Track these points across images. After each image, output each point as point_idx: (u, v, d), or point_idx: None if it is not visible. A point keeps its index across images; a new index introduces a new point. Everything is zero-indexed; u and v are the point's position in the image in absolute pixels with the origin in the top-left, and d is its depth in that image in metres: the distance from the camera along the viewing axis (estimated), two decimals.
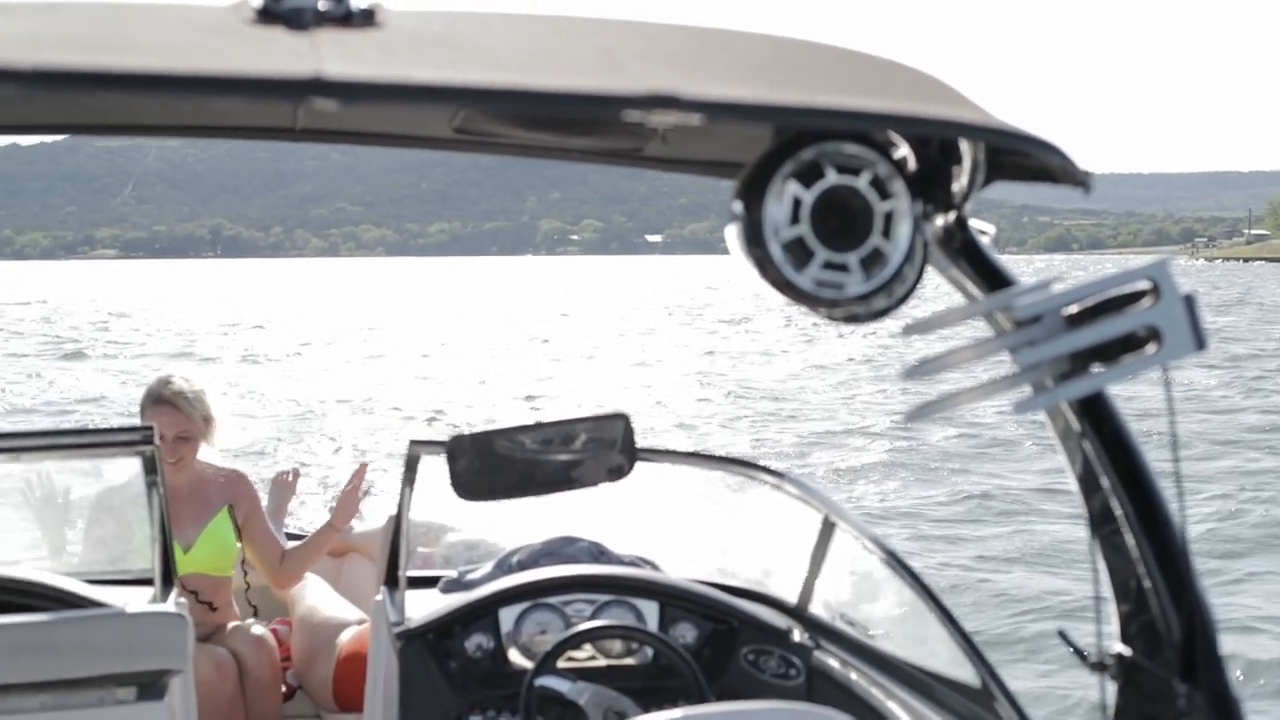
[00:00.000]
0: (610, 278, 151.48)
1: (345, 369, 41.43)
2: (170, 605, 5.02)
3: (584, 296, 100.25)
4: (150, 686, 4.72)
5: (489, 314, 74.15)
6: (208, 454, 6.82)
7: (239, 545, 6.81)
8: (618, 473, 5.10)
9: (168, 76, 1.80)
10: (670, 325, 65.14)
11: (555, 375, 38.66)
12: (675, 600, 5.37)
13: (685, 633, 5.33)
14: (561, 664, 5.04)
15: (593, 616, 5.26)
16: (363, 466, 7.30)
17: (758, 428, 27.17)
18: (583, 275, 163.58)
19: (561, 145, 2.72)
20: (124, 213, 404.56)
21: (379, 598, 5.65)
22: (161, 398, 6.61)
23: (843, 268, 2.06)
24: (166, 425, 6.59)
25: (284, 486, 7.64)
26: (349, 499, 7.07)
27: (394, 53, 1.91)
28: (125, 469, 6.31)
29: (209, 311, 79.19)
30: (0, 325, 66.39)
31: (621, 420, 5.11)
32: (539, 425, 5.09)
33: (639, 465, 5.07)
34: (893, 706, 4.71)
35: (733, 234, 2.09)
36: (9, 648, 4.55)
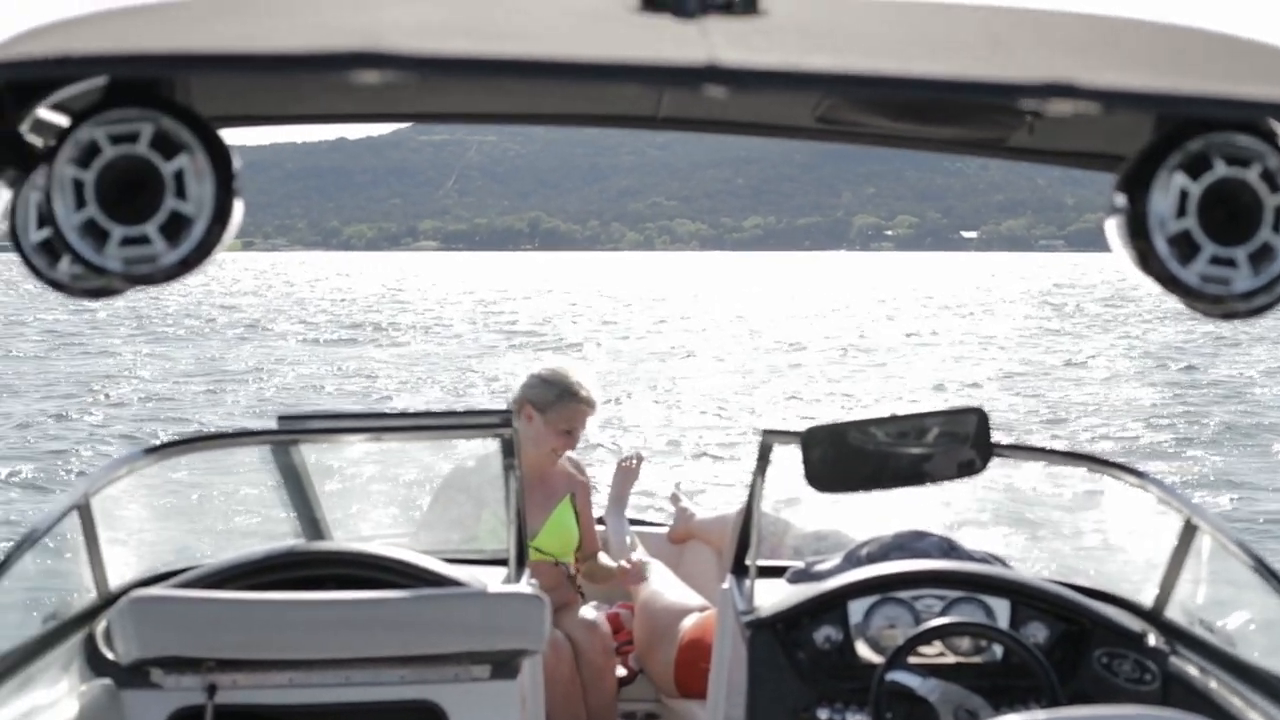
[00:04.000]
0: (929, 273, 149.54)
1: (664, 360, 41.75)
2: (526, 586, 5.11)
3: (908, 290, 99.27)
4: (505, 665, 4.81)
5: (816, 307, 74.09)
6: None
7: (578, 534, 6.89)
8: (969, 468, 5.06)
9: (566, 64, 1.82)
10: (1011, 319, 64.06)
11: (889, 370, 38.36)
12: (1027, 599, 5.29)
13: (1036, 632, 5.24)
14: (910, 659, 5.01)
15: (943, 613, 5.21)
16: (637, 564, 7.22)
17: (1116, 427, 26.44)
18: (900, 270, 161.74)
19: (923, 135, 2.69)
20: (446, 205, 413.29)
21: (726, 585, 5.67)
22: (584, 398, 6.76)
23: (1230, 263, 2.00)
24: (581, 423, 6.80)
25: (627, 472, 7.69)
26: (635, 569, 7.01)
27: (780, 40, 1.90)
28: (481, 451, 6.44)
29: (535, 300, 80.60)
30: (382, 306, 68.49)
31: (975, 414, 5.07)
32: (893, 418, 5.08)
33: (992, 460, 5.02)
34: (1255, 717, 4.56)
35: (1114, 227, 2.04)
36: (373, 622, 4.69)
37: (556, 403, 6.69)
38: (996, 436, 5.10)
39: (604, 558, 7.09)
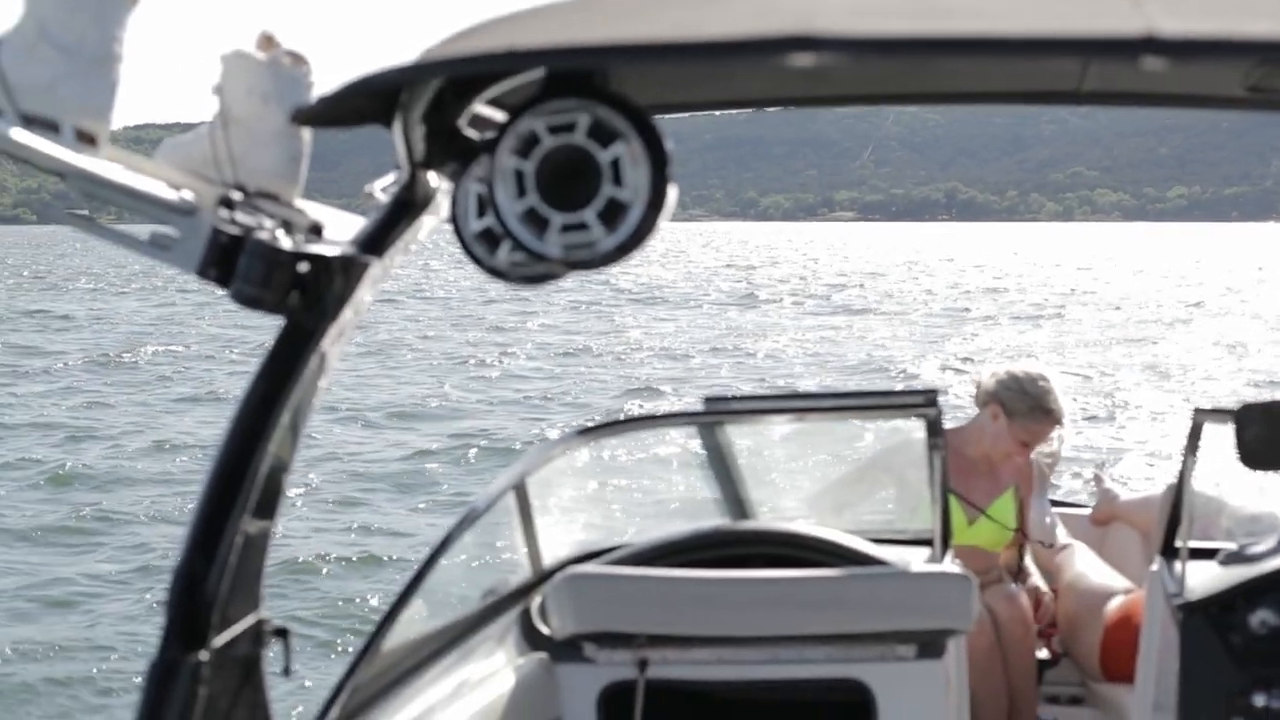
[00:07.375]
0: None
1: (1092, 334, 40.86)
2: (952, 566, 5.07)
3: None
4: (931, 645, 4.80)
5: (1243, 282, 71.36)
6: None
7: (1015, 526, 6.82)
8: None
9: (1002, 39, 1.79)
10: None
11: None
12: None
13: None
14: None
15: None
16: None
17: None
18: None
19: None
20: (862, 176, 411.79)
21: (1155, 567, 5.55)
22: (1055, 415, 6.73)
23: None
24: (1044, 438, 6.78)
25: (1050, 455, 7.57)
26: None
27: (1218, 6, 1.84)
28: (905, 430, 6.41)
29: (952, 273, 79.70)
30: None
31: None
32: None
33: None
34: None
35: None
36: (800, 601, 4.73)
37: (1027, 414, 6.63)
38: None
39: (1035, 572, 6.99)
